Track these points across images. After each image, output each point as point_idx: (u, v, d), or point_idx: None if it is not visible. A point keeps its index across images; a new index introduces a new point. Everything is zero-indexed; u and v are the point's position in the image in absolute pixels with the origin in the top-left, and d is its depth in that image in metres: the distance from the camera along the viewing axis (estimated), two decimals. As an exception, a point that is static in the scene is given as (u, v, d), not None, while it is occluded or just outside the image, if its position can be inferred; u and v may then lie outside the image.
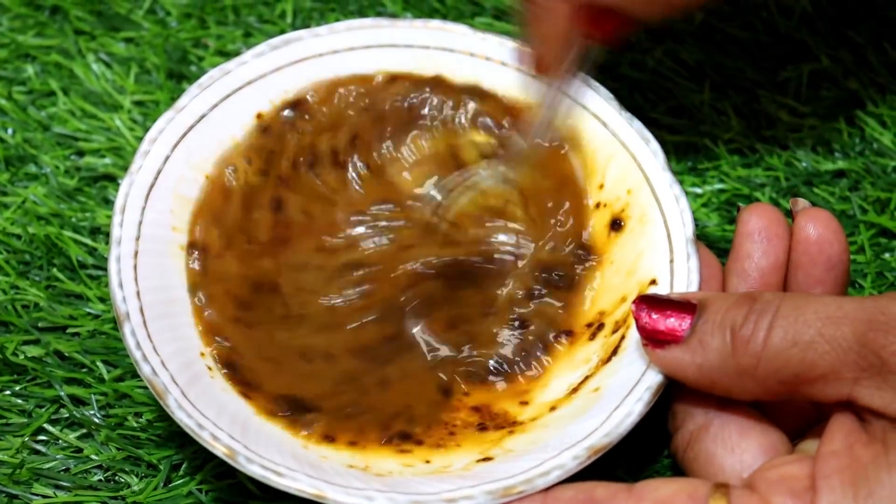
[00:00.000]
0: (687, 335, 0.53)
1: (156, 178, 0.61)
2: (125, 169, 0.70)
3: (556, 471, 0.53)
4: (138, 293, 0.58)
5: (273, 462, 0.53)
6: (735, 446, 0.53)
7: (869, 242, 0.68)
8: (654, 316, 0.54)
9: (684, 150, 0.63)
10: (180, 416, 0.54)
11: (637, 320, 0.54)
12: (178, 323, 0.59)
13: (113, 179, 0.71)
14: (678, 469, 0.55)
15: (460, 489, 0.53)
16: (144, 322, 0.57)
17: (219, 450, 0.53)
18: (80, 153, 0.72)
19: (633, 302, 0.55)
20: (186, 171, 0.63)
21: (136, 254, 0.59)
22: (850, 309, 0.50)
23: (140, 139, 0.70)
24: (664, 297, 0.54)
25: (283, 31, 0.75)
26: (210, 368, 0.58)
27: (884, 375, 0.49)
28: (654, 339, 0.54)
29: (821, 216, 0.57)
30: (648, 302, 0.54)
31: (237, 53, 0.74)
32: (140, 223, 0.60)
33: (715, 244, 0.67)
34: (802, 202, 0.58)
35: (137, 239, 0.59)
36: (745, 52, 0.74)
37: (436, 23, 0.66)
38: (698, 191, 0.69)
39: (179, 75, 0.75)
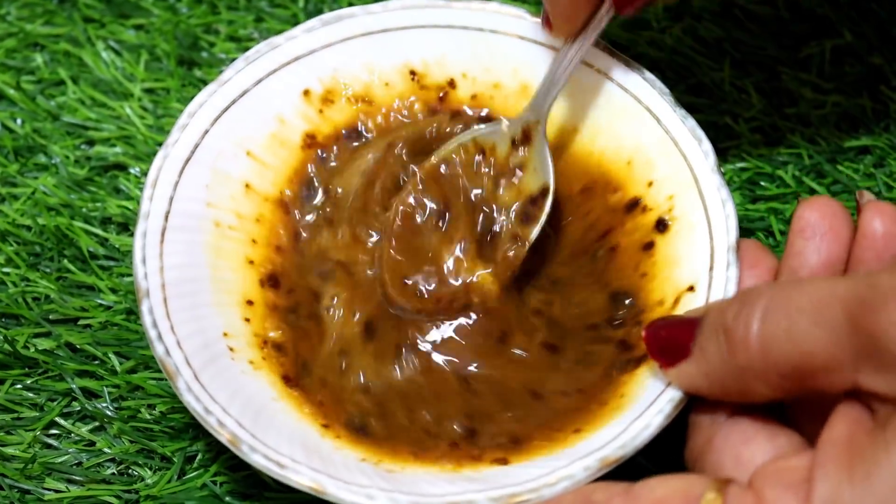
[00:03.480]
0: (692, 348, 0.52)
1: (192, 152, 0.61)
2: (136, 158, 0.70)
3: (565, 482, 0.52)
4: (161, 269, 0.57)
5: (278, 452, 0.53)
6: (740, 454, 0.52)
7: (895, 220, 0.67)
8: (660, 335, 0.54)
9: (705, 128, 0.61)
10: (188, 399, 0.54)
11: (647, 347, 0.54)
12: (201, 301, 0.58)
13: (124, 168, 0.71)
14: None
15: (465, 493, 0.52)
16: (165, 300, 0.57)
17: (223, 436, 0.53)
18: (91, 142, 0.72)
19: (644, 330, 0.54)
20: (227, 146, 0.62)
21: (164, 229, 0.59)
22: (842, 289, 0.48)
23: (150, 127, 0.71)
24: (669, 318, 0.54)
25: (294, 16, 0.76)
26: (231, 349, 0.58)
27: (880, 355, 0.47)
28: (666, 359, 0.53)
29: (887, 210, 0.55)
30: (653, 327, 0.54)
31: (249, 39, 0.75)
32: (171, 198, 0.60)
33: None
34: (868, 195, 0.56)
35: (167, 214, 0.59)
36: (765, 28, 0.74)
37: (493, 5, 0.65)
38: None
39: (190, 62, 0.75)
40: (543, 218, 0.61)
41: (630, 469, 0.54)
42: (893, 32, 0.73)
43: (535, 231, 0.61)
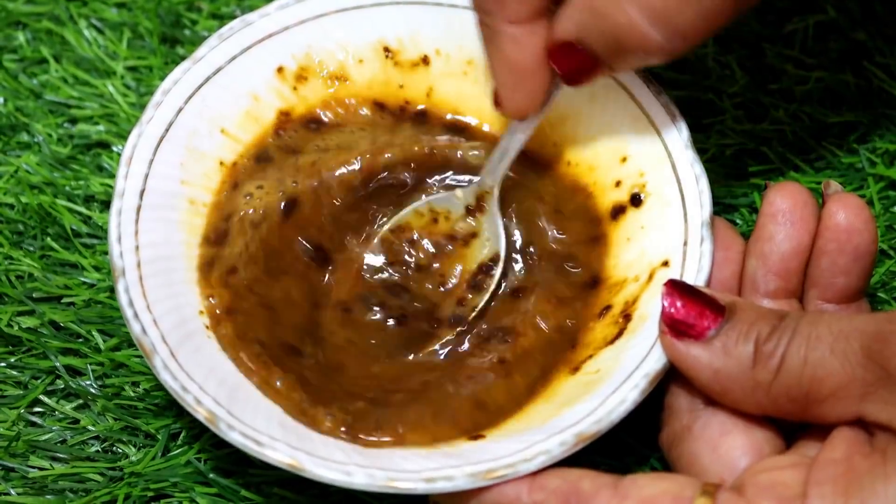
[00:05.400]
0: (710, 336, 0.52)
1: (167, 130, 0.61)
2: (119, 136, 0.70)
3: (541, 456, 0.52)
4: (137, 248, 0.57)
5: (255, 430, 0.53)
6: (717, 446, 0.52)
7: (878, 196, 0.67)
8: (682, 305, 0.53)
9: (688, 105, 0.62)
10: (165, 378, 0.54)
11: (664, 306, 0.53)
12: (176, 279, 0.58)
13: (107, 147, 0.70)
14: (667, 462, 0.55)
15: (442, 469, 0.52)
16: (140, 278, 0.56)
17: (200, 414, 0.53)
18: (73, 121, 0.71)
19: (665, 284, 0.54)
20: (201, 124, 0.62)
21: (139, 207, 0.58)
22: (860, 322, 0.49)
23: (133, 105, 0.71)
24: (696, 289, 0.54)
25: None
26: (207, 327, 0.57)
27: (890, 388, 0.48)
28: (675, 329, 0.53)
29: (852, 203, 0.55)
30: (680, 289, 0.54)
31: (231, 17, 0.74)
32: (146, 175, 0.59)
33: (720, 200, 0.67)
34: (835, 185, 0.56)
35: (142, 192, 0.59)
36: None
37: None
38: (703, 146, 0.69)
39: (173, 39, 0.74)
40: (492, 287, 0.62)
41: (607, 443, 0.55)
42: (877, 8, 0.73)
43: (483, 300, 0.61)
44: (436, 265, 0.63)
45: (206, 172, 0.62)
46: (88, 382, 0.62)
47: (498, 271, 0.62)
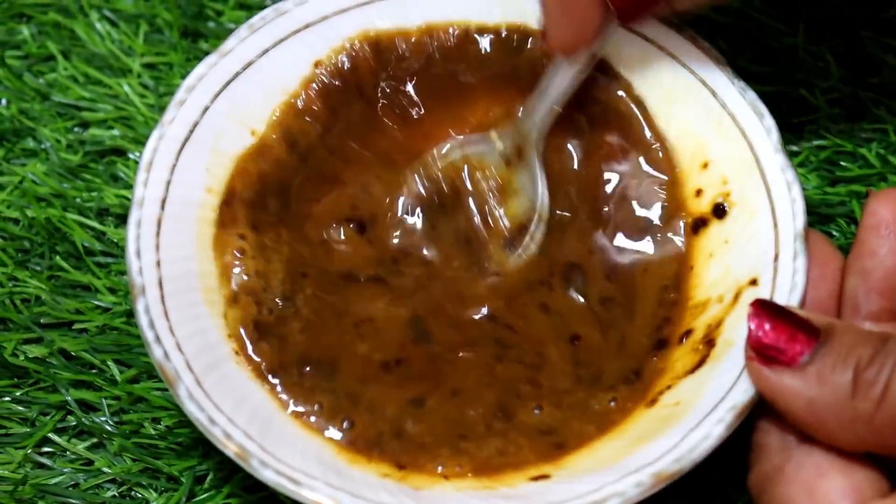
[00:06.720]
0: (804, 362, 0.50)
1: (191, 132, 0.59)
2: (135, 141, 0.69)
3: (614, 499, 0.51)
4: (158, 263, 0.56)
5: (291, 467, 0.52)
6: (813, 489, 0.50)
7: None
8: (771, 328, 0.51)
9: (776, 102, 0.59)
10: (190, 408, 0.53)
11: (750, 329, 0.52)
12: (202, 299, 0.57)
13: (122, 153, 0.69)
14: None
15: None
16: (162, 297, 0.55)
17: (230, 449, 0.52)
18: (84, 125, 0.70)
19: (751, 305, 0.52)
20: (228, 124, 0.60)
21: (160, 218, 0.57)
22: None
23: (151, 107, 0.70)
24: (787, 310, 0.52)
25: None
26: (236, 352, 0.56)
27: None
28: (763, 354, 0.51)
29: None
30: (768, 310, 0.52)
31: (261, 7, 0.72)
32: (168, 183, 0.58)
33: (814, 209, 0.65)
34: None
35: (164, 201, 0.58)
36: None
37: None
38: (794, 148, 0.67)
39: (196, 33, 0.73)
40: (534, 245, 0.62)
41: (688, 484, 0.54)
42: None
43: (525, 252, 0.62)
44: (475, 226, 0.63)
45: None
46: (104, 419, 0.61)
47: (535, 232, 0.62)
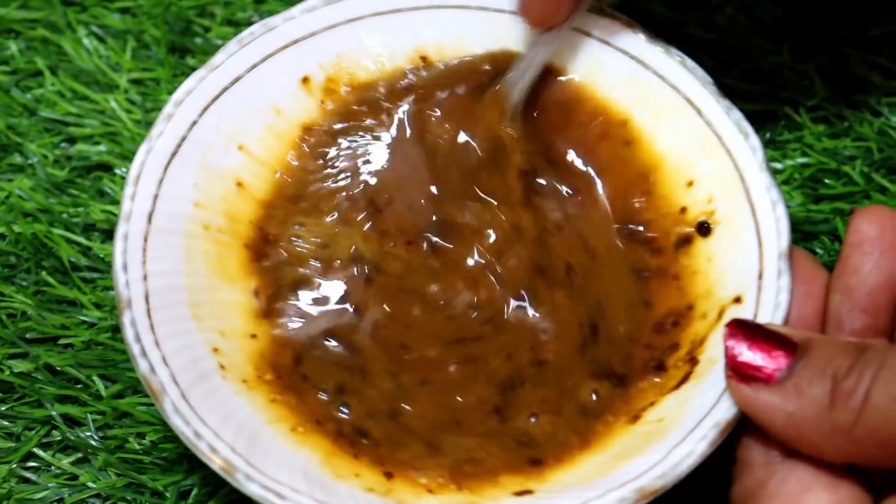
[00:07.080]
0: (781, 377, 0.50)
1: (179, 146, 0.59)
2: (122, 157, 0.69)
3: None
4: (145, 277, 0.56)
5: (277, 481, 0.52)
6: None
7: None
8: (747, 347, 0.51)
9: (762, 119, 0.60)
10: (175, 422, 0.53)
11: (727, 348, 0.52)
12: (188, 314, 0.57)
13: (108, 169, 0.69)
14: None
15: None
16: (149, 311, 0.55)
17: (215, 463, 0.52)
18: (71, 140, 0.70)
19: (727, 325, 0.52)
20: (217, 139, 0.60)
21: (147, 232, 0.57)
22: None
23: (138, 122, 0.70)
24: (763, 328, 0.52)
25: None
26: (223, 367, 0.56)
27: None
28: (740, 373, 0.51)
29: None
30: (744, 329, 0.52)
31: (248, 23, 0.72)
32: (155, 197, 0.58)
33: (798, 227, 0.65)
34: None
35: (151, 214, 0.58)
36: (828, 5, 0.72)
37: None
38: (779, 166, 0.67)
39: (183, 49, 0.73)
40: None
41: (671, 500, 0.53)
42: (974, 10, 0.72)
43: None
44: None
45: (222, 194, 0.61)
46: (88, 433, 0.61)
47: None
